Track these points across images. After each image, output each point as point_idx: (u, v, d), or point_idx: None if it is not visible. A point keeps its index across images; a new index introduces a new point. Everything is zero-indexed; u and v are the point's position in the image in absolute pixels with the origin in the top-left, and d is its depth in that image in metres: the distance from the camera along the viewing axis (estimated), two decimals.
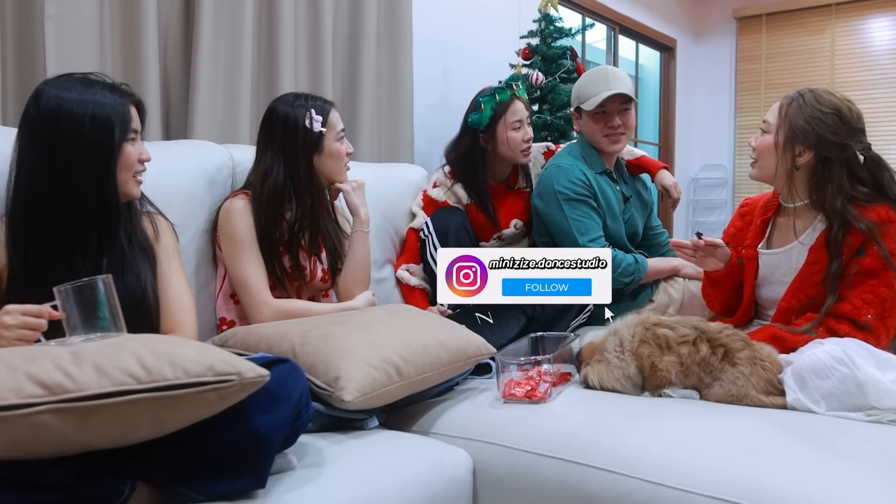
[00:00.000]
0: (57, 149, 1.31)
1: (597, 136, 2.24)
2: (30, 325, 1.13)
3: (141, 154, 1.43)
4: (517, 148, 2.29)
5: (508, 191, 2.42)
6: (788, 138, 1.71)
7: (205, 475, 1.06)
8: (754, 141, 1.81)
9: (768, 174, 1.79)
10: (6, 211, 1.36)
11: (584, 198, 2.17)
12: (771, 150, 1.75)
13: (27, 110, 1.33)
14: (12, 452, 0.93)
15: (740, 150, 6.23)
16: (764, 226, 1.88)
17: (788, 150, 1.71)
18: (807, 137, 1.69)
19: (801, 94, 1.73)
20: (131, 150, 1.40)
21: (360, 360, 1.41)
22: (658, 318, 1.68)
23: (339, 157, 1.86)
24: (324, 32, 2.57)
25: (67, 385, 0.93)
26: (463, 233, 2.22)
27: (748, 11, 6.09)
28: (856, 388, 1.40)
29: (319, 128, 1.78)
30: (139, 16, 2.04)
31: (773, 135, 1.74)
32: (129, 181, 1.41)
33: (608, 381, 1.63)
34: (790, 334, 1.66)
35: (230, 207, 1.76)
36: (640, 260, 2.20)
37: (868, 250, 1.64)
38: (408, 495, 1.26)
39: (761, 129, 1.79)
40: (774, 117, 1.75)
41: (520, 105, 2.31)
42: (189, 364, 1.00)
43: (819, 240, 1.72)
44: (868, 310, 1.63)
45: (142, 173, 1.45)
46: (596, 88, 2.21)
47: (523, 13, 3.68)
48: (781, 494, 1.13)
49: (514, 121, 2.28)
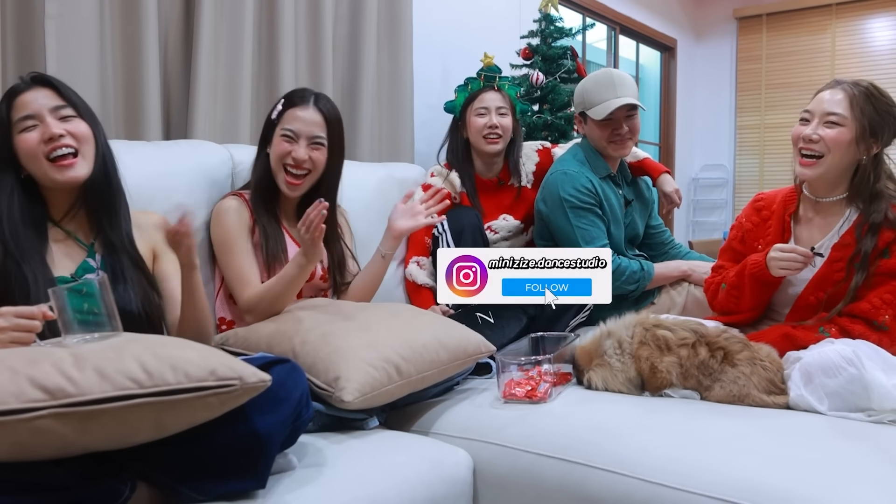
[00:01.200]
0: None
1: (602, 143, 2.23)
2: (23, 326, 1.11)
3: (44, 134, 1.32)
4: (478, 133, 2.33)
5: (500, 186, 2.44)
6: (866, 131, 1.64)
7: (205, 475, 1.07)
8: (814, 133, 1.66)
9: (835, 171, 1.69)
10: None
11: (590, 206, 2.16)
12: (848, 144, 1.64)
13: None
14: (13, 455, 0.93)
15: (741, 150, 6.23)
16: (786, 223, 1.81)
17: (863, 144, 1.65)
18: (883, 131, 1.65)
19: (859, 84, 1.66)
20: (26, 138, 1.33)
21: (360, 360, 1.41)
22: (657, 319, 1.68)
23: (274, 154, 1.75)
24: (324, 32, 2.57)
25: (69, 389, 0.93)
26: (478, 233, 2.22)
27: (748, 11, 6.09)
28: (861, 389, 1.40)
29: (275, 116, 1.76)
30: (139, 15, 2.04)
31: (849, 128, 1.64)
32: (44, 167, 1.33)
33: (614, 385, 1.63)
34: (802, 332, 1.64)
35: (220, 208, 1.76)
36: (646, 267, 2.19)
37: (893, 252, 1.63)
38: (408, 495, 1.26)
39: (826, 123, 1.66)
40: (845, 109, 1.65)
41: (491, 95, 2.35)
42: (191, 368, 0.99)
43: (844, 237, 1.70)
44: (886, 310, 1.61)
45: (62, 150, 1.34)
46: (603, 96, 2.18)
47: (523, 13, 3.68)
48: (781, 494, 1.13)
49: (480, 107, 2.34)
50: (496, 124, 2.32)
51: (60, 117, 1.35)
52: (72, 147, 1.35)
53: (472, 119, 2.34)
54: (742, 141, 6.21)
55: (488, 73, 2.39)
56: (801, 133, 1.69)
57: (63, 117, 1.36)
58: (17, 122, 1.33)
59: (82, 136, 1.37)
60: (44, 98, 1.35)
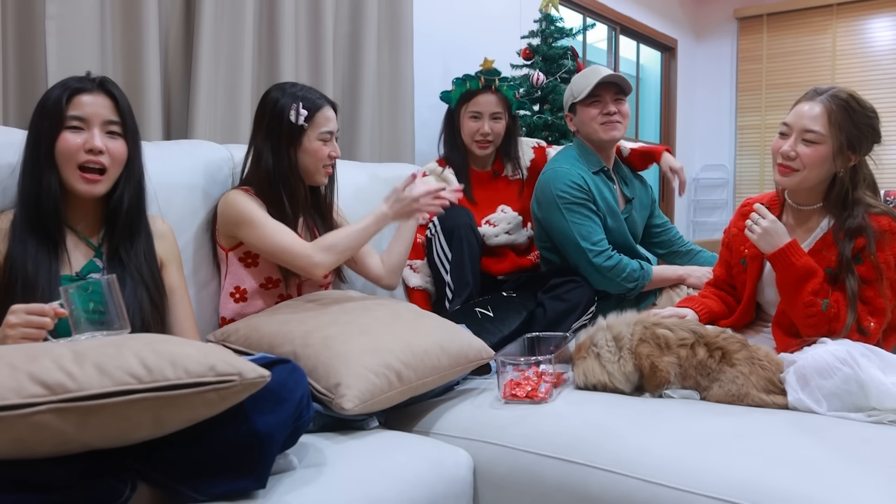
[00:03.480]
0: (29, 140, 1.36)
1: (593, 125, 2.23)
2: (34, 323, 1.14)
3: (87, 143, 1.33)
4: (469, 136, 2.37)
5: (495, 177, 2.45)
6: (843, 146, 1.64)
7: (206, 475, 1.07)
8: (791, 150, 1.67)
9: (813, 184, 1.70)
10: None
11: (582, 201, 2.16)
12: (824, 160, 1.65)
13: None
14: (13, 452, 0.93)
15: (741, 150, 6.22)
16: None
17: (840, 158, 1.66)
18: (861, 144, 1.65)
19: (837, 97, 1.65)
20: (69, 137, 1.34)
21: (361, 366, 1.41)
22: (657, 318, 1.68)
23: (316, 158, 1.78)
24: (324, 32, 2.57)
25: (68, 384, 0.93)
26: (470, 232, 2.22)
27: (749, 11, 6.09)
28: (858, 388, 1.40)
29: (302, 122, 1.76)
30: (140, 16, 2.04)
31: (826, 145, 1.64)
32: (72, 174, 1.34)
33: (595, 376, 1.62)
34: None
35: (229, 196, 1.75)
36: (645, 267, 2.19)
37: (865, 258, 1.65)
38: (408, 495, 1.26)
39: (803, 140, 1.66)
40: (822, 126, 1.64)
41: (487, 98, 2.35)
42: (190, 364, 1.00)
43: (817, 244, 1.72)
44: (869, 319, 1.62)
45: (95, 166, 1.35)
46: (588, 80, 2.23)
47: (524, 13, 3.68)
48: (781, 494, 1.13)
49: (474, 111, 2.36)
50: (488, 132, 2.34)
51: (108, 132, 1.37)
52: (103, 165, 1.37)
53: (466, 121, 2.37)
54: (742, 141, 6.21)
55: (488, 75, 2.39)
56: (780, 148, 1.70)
57: (110, 132, 1.38)
58: (68, 117, 1.34)
59: (118, 157, 1.39)
60: (101, 107, 1.37)
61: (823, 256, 1.69)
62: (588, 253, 2.13)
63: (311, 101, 1.77)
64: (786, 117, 1.73)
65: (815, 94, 1.69)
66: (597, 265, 2.12)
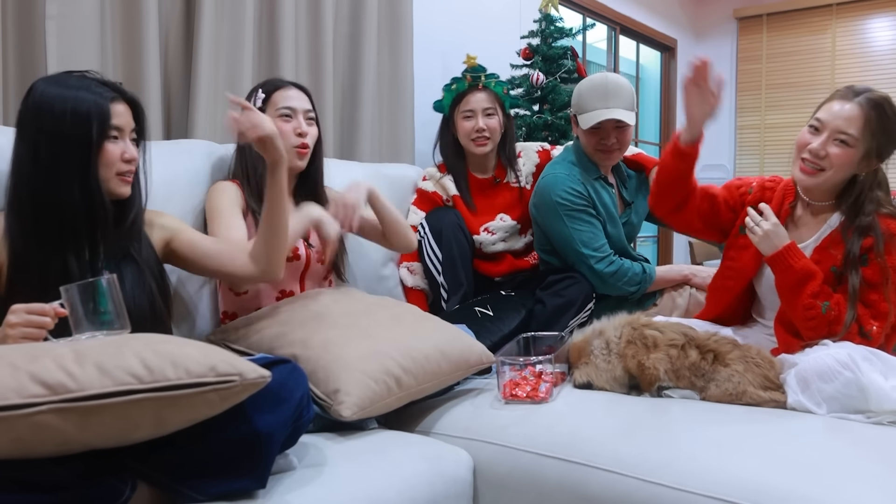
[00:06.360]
0: (40, 144, 1.30)
1: (590, 149, 2.23)
2: (35, 323, 1.13)
3: (124, 153, 1.37)
4: (466, 136, 2.35)
5: (496, 184, 2.43)
6: (871, 152, 1.64)
7: (206, 475, 1.07)
8: (822, 148, 1.64)
9: (833, 182, 1.68)
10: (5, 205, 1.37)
11: (582, 207, 2.16)
12: (852, 163, 1.64)
13: (21, 105, 1.34)
14: (14, 452, 0.93)
15: (741, 150, 6.22)
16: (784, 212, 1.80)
17: (865, 162, 1.65)
18: (888, 151, 1.65)
19: (875, 101, 1.62)
20: (112, 149, 1.35)
21: (361, 372, 1.41)
22: (648, 319, 1.68)
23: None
24: (324, 32, 2.57)
25: (69, 384, 0.93)
26: (458, 231, 2.22)
27: (749, 11, 6.09)
28: (858, 392, 1.40)
29: (260, 105, 1.78)
30: (140, 15, 2.04)
31: (857, 149, 1.62)
32: (111, 179, 1.37)
33: (598, 384, 1.63)
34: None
35: (213, 187, 1.77)
36: (647, 269, 2.19)
37: (871, 260, 1.64)
38: (408, 495, 1.26)
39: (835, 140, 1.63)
40: (857, 130, 1.61)
41: (477, 96, 2.34)
42: (191, 364, 1.00)
43: (825, 241, 1.71)
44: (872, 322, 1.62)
45: (129, 173, 1.40)
46: (593, 104, 2.16)
47: (524, 13, 3.68)
48: (781, 494, 1.13)
49: (466, 110, 2.34)
50: (483, 127, 2.32)
51: (132, 139, 1.41)
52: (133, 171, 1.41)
53: (460, 122, 2.35)
54: (742, 141, 6.21)
55: (473, 73, 2.39)
56: (809, 144, 1.66)
57: (133, 139, 1.41)
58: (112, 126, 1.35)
59: (136, 160, 1.43)
60: (129, 116, 1.40)
61: (830, 254, 1.68)
62: (590, 259, 2.13)
63: (272, 84, 1.84)
64: (818, 112, 1.69)
65: (852, 94, 1.64)
66: (599, 271, 2.12)
